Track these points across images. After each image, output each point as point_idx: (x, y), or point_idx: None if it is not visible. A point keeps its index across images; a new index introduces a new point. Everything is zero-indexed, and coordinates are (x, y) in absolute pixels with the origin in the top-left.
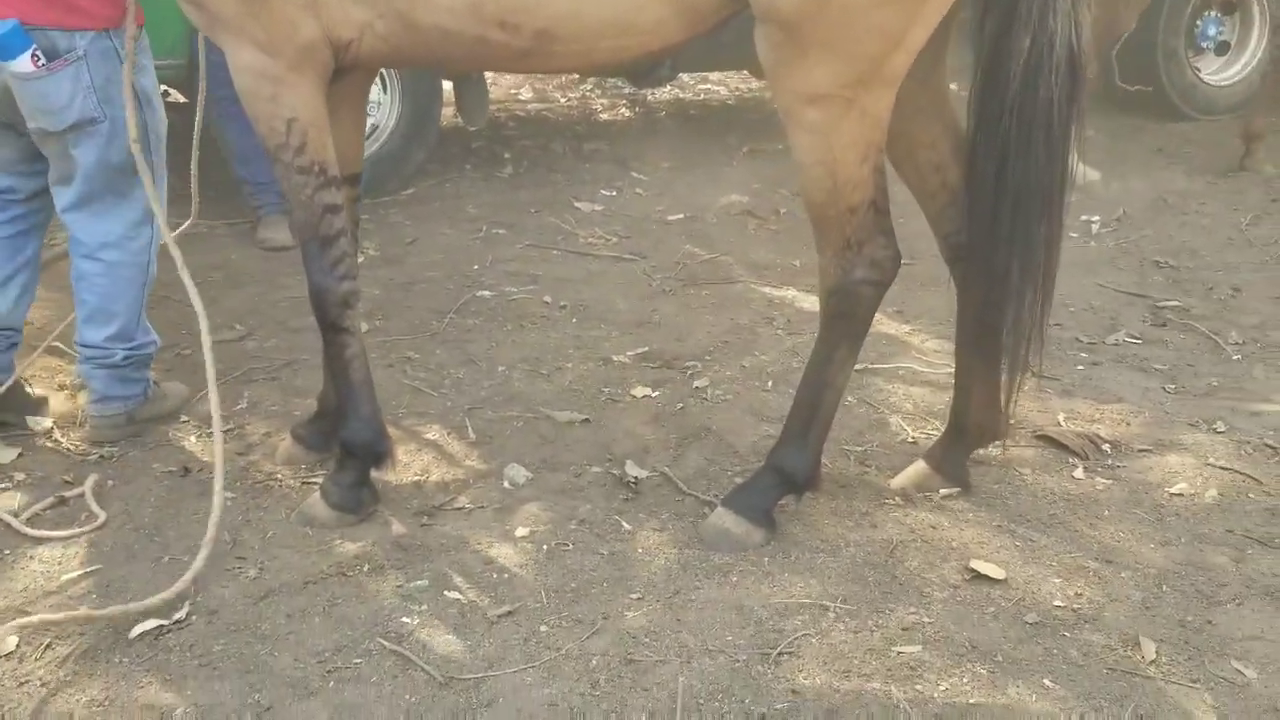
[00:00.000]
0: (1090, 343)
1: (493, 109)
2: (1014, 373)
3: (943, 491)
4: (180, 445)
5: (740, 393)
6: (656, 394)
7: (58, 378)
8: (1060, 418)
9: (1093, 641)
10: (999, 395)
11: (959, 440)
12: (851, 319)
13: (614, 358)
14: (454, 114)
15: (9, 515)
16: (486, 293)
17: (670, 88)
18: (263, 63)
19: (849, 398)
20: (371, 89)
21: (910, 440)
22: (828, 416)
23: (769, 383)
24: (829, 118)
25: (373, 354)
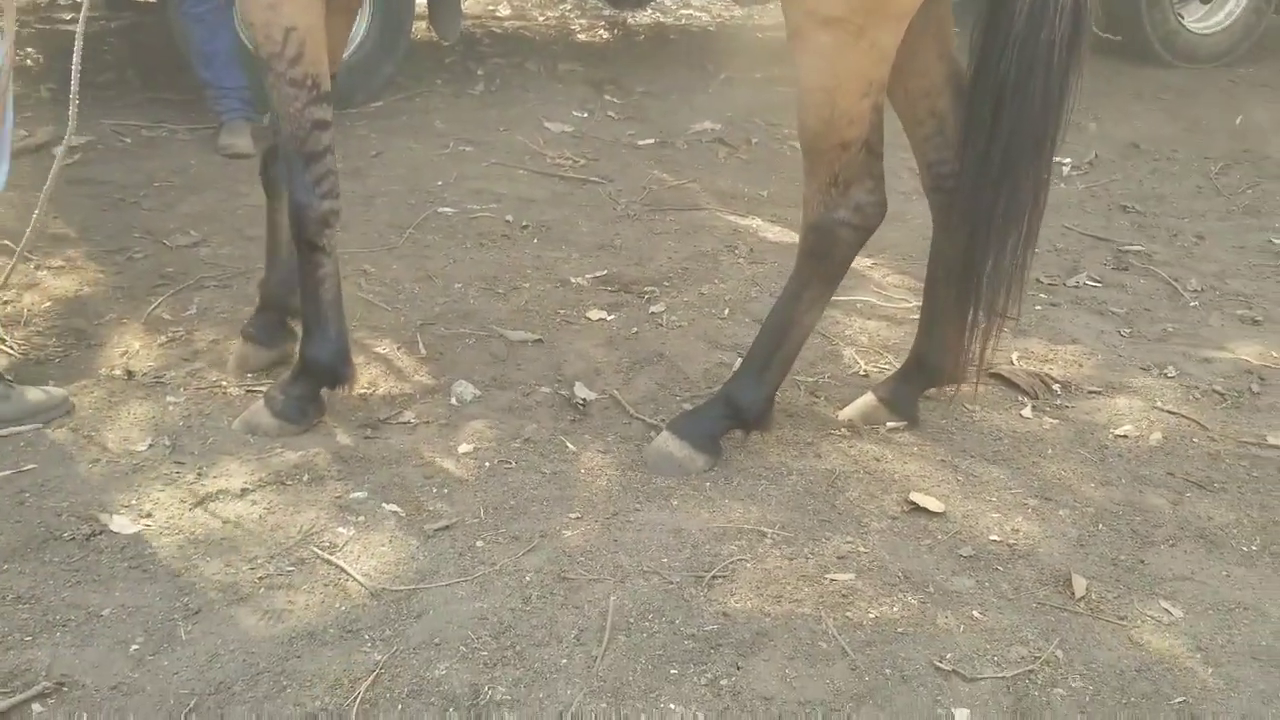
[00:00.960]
0: (1051, 284)
1: (467, 24)
2: (990, 318)
3: (889, 425)
4: (124, 349)
5: (696, 319)
6: (612, 317)
7: None
8: (1014, 356)
9: (1025, 576)
10: (964, 338)
11: (915, 377)
12: (826, 259)
13: (572, 280)
14: (427, 27)
15: None
16: (448, 209)
17: (651, 10)
18: None
19: None
20: None
21: (862, 373)
22: (789, 355)
23: (725, 310)
24: (838, 43)
25: None
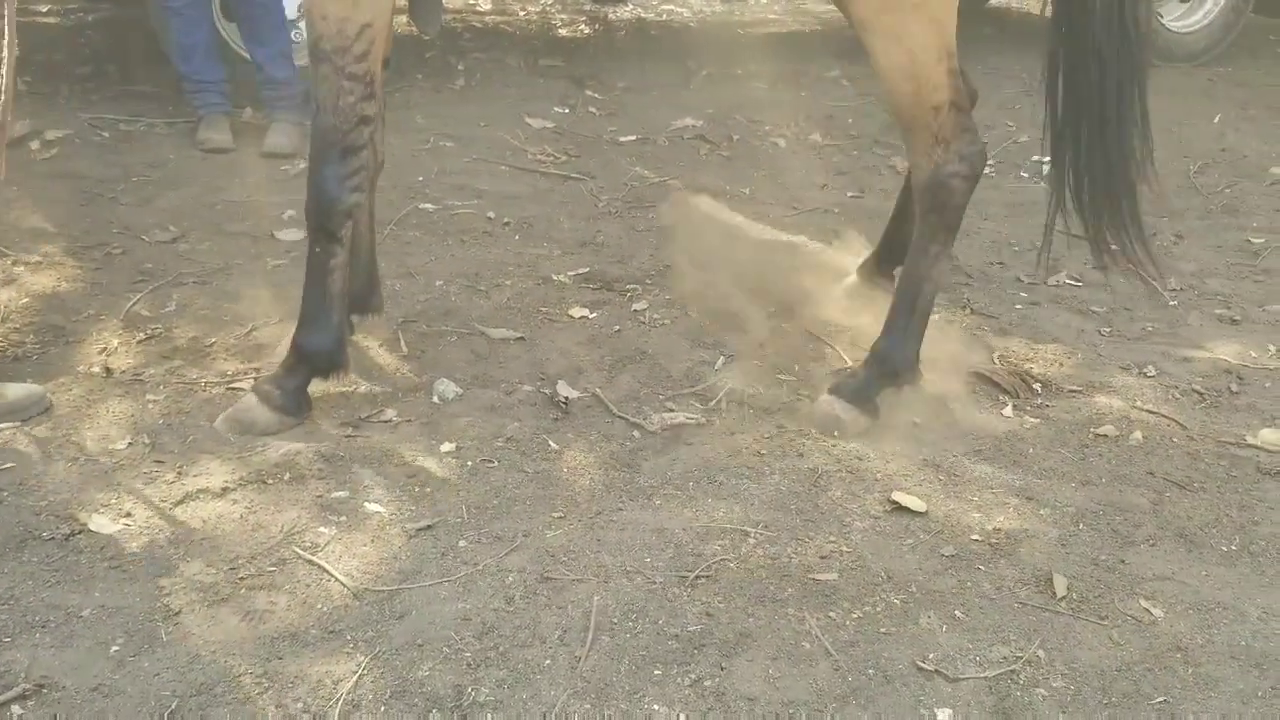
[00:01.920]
0: (1031, 283)
1: (448, 18)
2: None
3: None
4: (102, 346)
5: (678, 317)
6: (594, 315)
7: None
8: (994, 355)
9: (1006, 576)
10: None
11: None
12: (945, 210)
13: (554, 277)
14: (407, 21)
15: None
16: (429, 205)
17: (632, 6)
18: None
19: (785, 325)
20: None
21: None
22: (926, 309)
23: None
24: (902, 21)
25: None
